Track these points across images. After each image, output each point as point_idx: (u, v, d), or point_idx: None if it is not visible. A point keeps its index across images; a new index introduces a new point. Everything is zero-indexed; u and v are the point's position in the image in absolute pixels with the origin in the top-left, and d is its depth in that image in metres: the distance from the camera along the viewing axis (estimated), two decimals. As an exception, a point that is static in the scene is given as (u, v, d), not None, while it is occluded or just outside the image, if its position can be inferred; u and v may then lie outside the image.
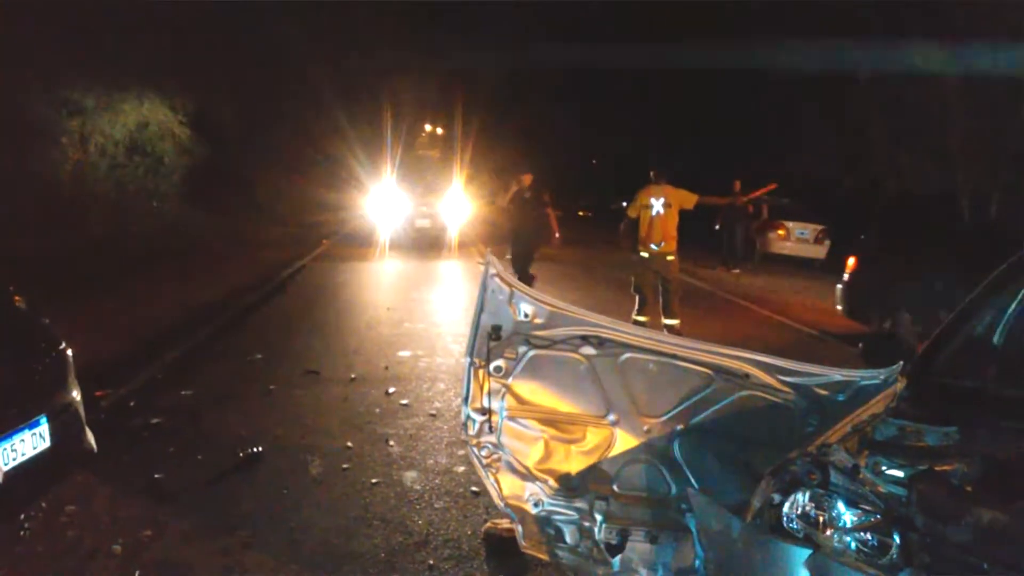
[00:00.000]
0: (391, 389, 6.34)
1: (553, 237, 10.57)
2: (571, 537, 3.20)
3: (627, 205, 8.52)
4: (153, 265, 11.02)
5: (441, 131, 48.66)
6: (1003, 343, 2.80)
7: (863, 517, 2.05)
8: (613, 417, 3.15)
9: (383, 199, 18.96)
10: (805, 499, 2.10)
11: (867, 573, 1.90)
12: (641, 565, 3.10)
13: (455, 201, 18.64)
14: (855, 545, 2.02)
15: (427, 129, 51.49)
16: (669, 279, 8.09)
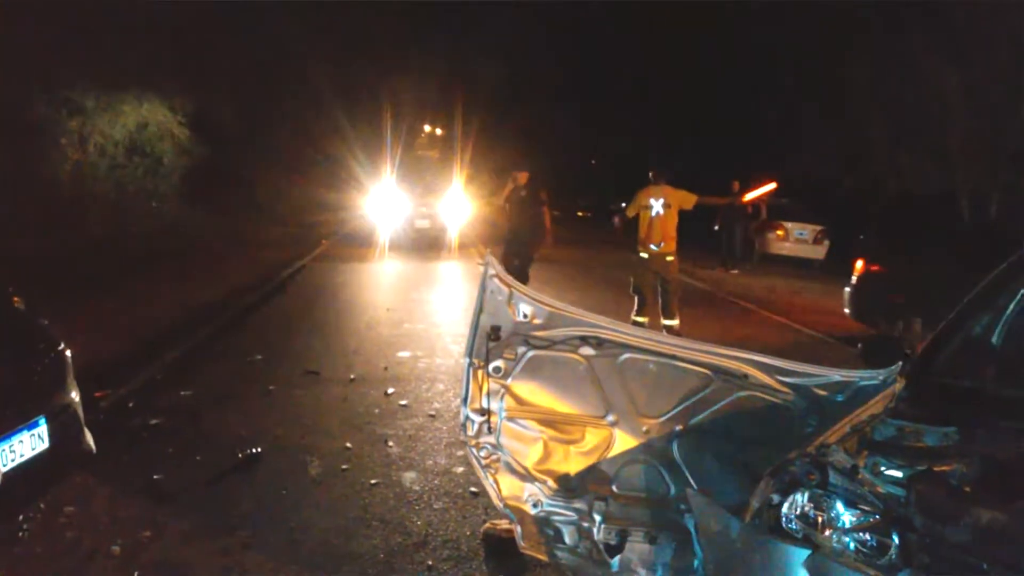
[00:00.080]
0: (390, 390, 6.34)
1: (547, 236, 10.44)
2: (570, 538, 3.20)
3: (626, 206, 8.52)
4: (152, 265, 11.02)
5: (441, 131, 48.69)
6: (1002, 343, 2.80)
7: (862, 517, 2.05)
8: (612, 418, 3.15)
9: (383, 199, 18.94)
10: (804, 499, 2.10)
11: (866, 573, 1.90)
12: (640, 566, 3.10)
13: (455, 201, 18.63)
14: (854, 545, 2.02)
15: (427, 129, 51.46)
16: (668, 279, 8.09)
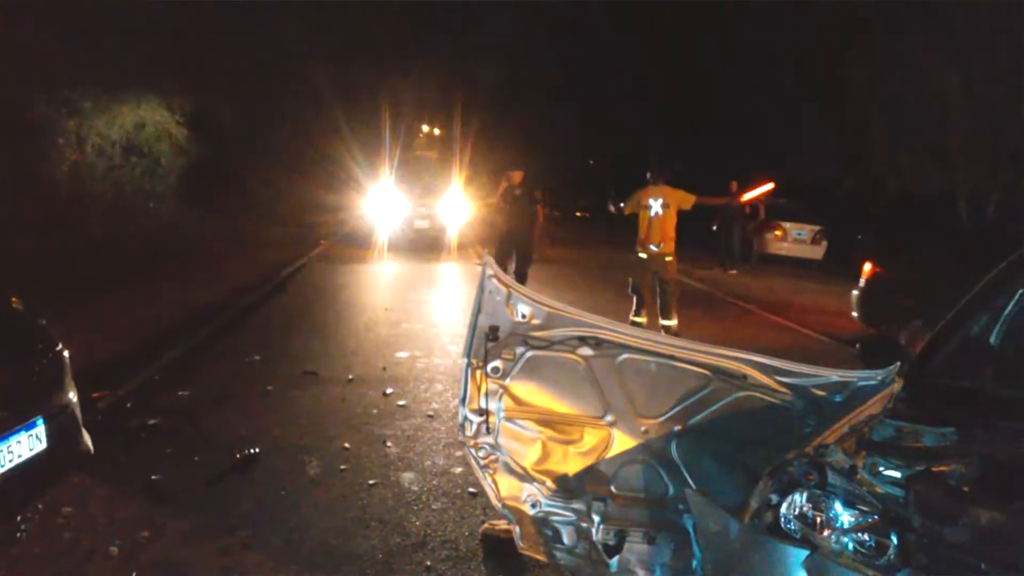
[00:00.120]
0: (389, 390, 6.34)
1: (539, 233, 10.29)
2: (569, 538, 3.20)
3: (624, 204, 8.50)
4: (150, 266, 11.01)
5: (440, 132, 48.66)
6: (1000, 343, 2.80)
7: (860, 518, 2.04)
8: (611, 418, 3.15)
9: (381, 200, 18.93)
10: (803, 500, 2.10)
11: (864, 574, 1.90)
12: (639, 566, 3.10)
13: (454, 202, 18.61)
14: (852, 546, 2.02)
15: (425, 130, 51.42)
16: (666, 280, 8.09)
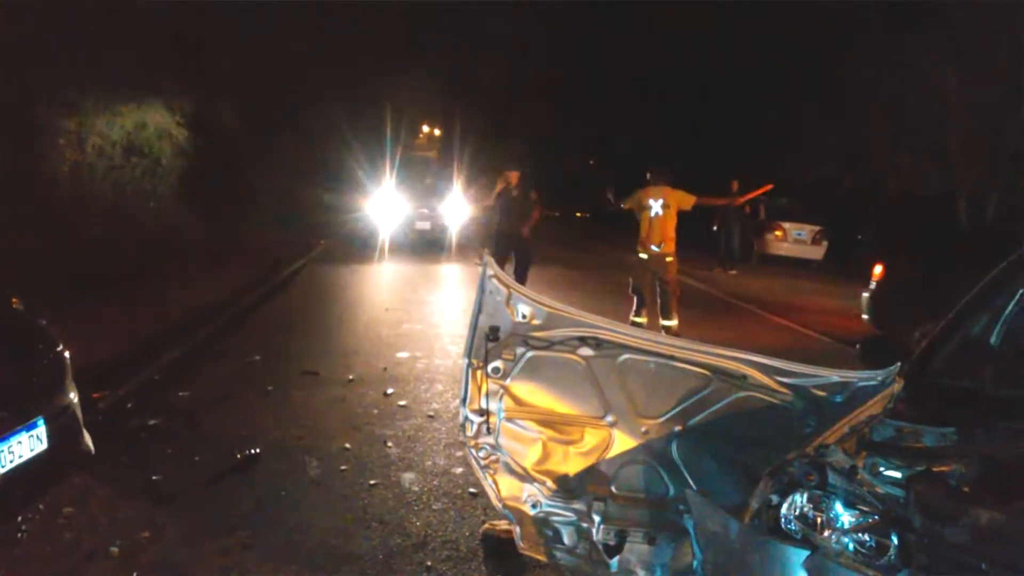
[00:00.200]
0: (389, 390, 6.34)
1: (531, 224, 10.18)
2: (569, 538, 3.20)
3: (622, 199, 8.47)
4: (151, 266, 10.99)
5: (439, 132, 48.68)
6: (1000, 344, 2.80)
7: (861, 518, 2.04)
8: (611, 418, 3.15)
9: (382, 201, 18.94)
10: (803, 500, 2.10)
11: (865, 574, 1.90)
12: (639, 566, 3.10)
13: (455, 203, 18.61)
14: (853, 546, 2.01)
15: (425, 130, 51.40)
16: (667, 280, 8.09)
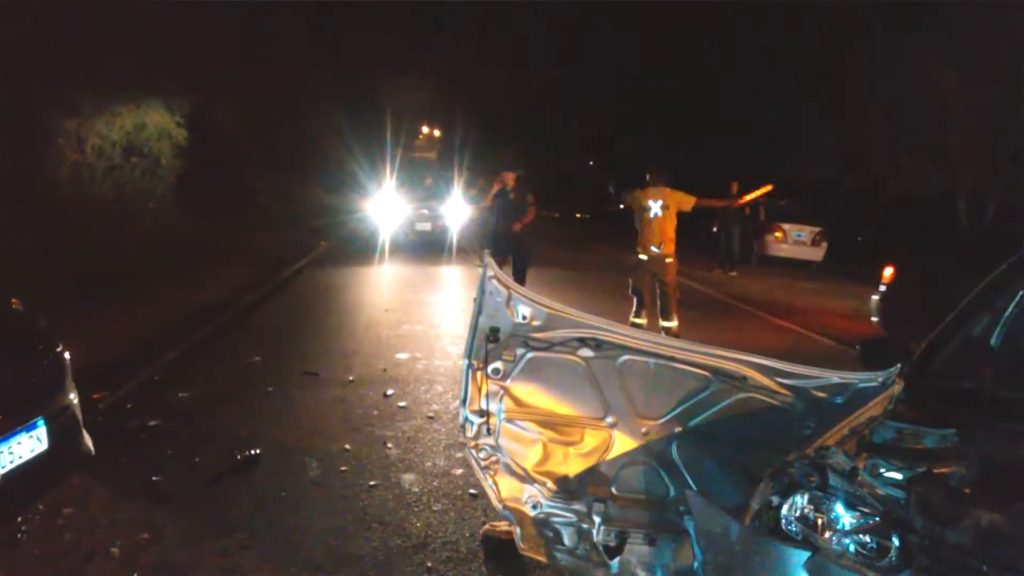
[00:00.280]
0: (389, 391, 6.34)
1: (517, 226, 10.14)
2: (569, 539, 3.20)
3: (623, 196, 8.47)
4: (150, 266, 11.00)
5: (440, 133, 48.69)
6: (1000, 345, 2.80)
7: (862, 519, 2.04)
8: (611, 419, 3.14)
9: (382, 202, 18.94)
10: (804, 501, 2.10)
11: (865, 575, 1.90)
12: (639, 567, 3.10)
13: (455, 204, 18.61)
14: (854, 547, 2.01)
15: (425, 131, 51.41)
16: (666, 281, 8.08)
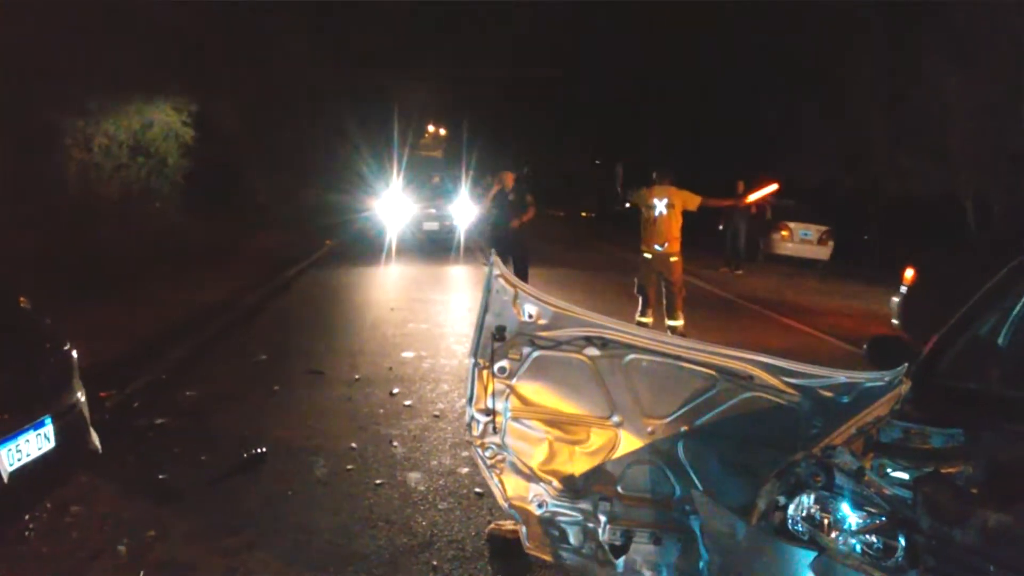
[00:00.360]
0: (395, 390, 6.35)
1: (516, 223, 10.12)
2: (575, 538, 3.20)
3: (629, 193, 8.45)
4: (156, 265, 11.03)
5: (446, 132, 48.67)
6: (1008, 345, 2.80)
7: (868, 519, 2.04)
8: (617, 418, 3.14)
9: (389, 202, 18.98)
10: (810, 501, 2.09)
11: (872, 575, 1.90)
12: (645, 567, 3.10)
13: (463, 203, 18.61)
14: (860, 547, 2.01)
15: (431, 130, 51.42)
16: (672, 280, 8.08)
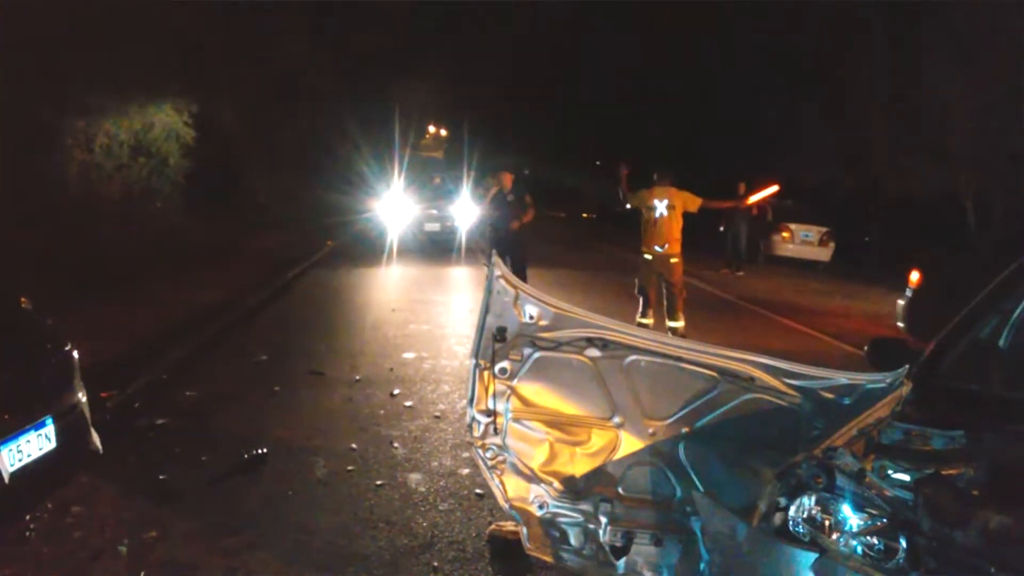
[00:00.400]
0: (395, 391, 6.35)
1: (515, 224, 10.10)
2: (576, 540, 3.19)
3: (630, 194, 8.44)
4: (157, 265, 11.04)
5: (447, 133, 48.67)
6: (1009, 346, 2.80)
7: (869, 521, 2.04)
8: (618, 419, 3.14)
9: (390, 202, 18.98)
10: (811, 503, 2.09)
11: (873, 577, 1.90)
12: (646, 568, 3.10)
13: (464, 204, 18.61)
14: (861, 549, 2.01)
15: (432, 131, 51.43)
16: (672, 281, 8.07)
